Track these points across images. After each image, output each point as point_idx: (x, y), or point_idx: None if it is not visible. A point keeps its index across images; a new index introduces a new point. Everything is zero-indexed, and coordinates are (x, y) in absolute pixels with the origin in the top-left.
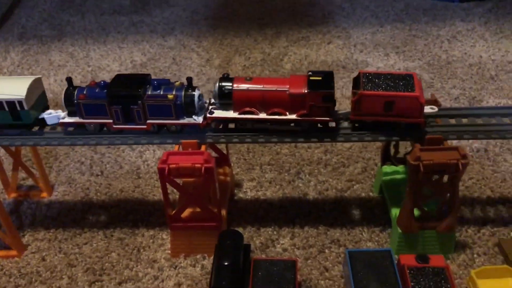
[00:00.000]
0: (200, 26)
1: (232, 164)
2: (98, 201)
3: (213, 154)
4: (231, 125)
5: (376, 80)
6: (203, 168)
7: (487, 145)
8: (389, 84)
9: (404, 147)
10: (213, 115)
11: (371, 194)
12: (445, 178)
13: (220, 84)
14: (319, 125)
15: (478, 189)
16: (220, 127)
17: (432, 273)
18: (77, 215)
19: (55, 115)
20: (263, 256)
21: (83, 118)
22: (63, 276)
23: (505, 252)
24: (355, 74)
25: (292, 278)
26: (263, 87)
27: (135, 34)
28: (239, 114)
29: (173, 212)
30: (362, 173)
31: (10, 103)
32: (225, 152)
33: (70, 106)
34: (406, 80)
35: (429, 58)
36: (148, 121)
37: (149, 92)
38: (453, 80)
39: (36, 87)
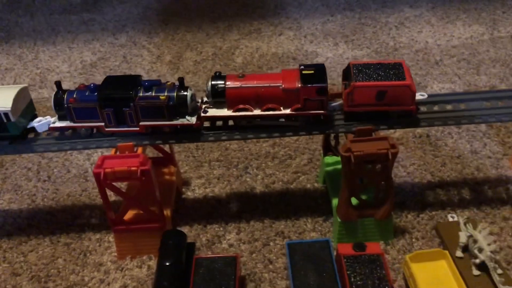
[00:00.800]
0: (152, 22)
1: (180, 163)
2: (45, 207)
3: (155, 154)
4: (227, 123)
5: (367, 71)
6: (139, 170)
7: (430, 131)
8: (379, 74)
9: (345, 137)
10: (207, 114)
11: (315, 184)
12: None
13: (213, 82)
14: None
15: (419, 174)
16: (216, 125)
17: (368, 261)
18: (22, 223)
19: (45, 121)
20: (209, 253)
21: (74, 122)
22: (7, 286)
23: (441, 235)
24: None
25: (233, 273)
26: (256, 84)
27: (85, 33)
28: (233, 112)
29: (115, 215)
30: (308, 164)
31: None
32: (169, 151)
33: (61, 110)
34: (396, 69)
35: (377, 46)
36: (141, 123)
37: (141, 94)
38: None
39: (22, 97)
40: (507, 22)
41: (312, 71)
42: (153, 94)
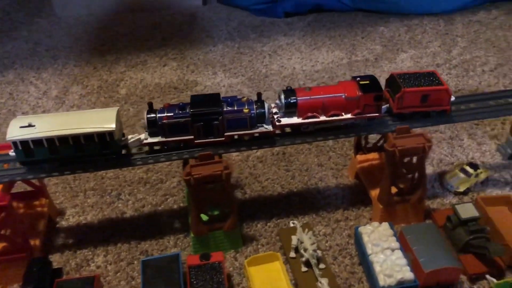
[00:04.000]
0: (41, 57)
1: (57, 194)
2: None
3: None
4: (299, 129)
5: (409, 79)
6: None
7: (286, 148)
8: (421, 81)
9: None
10: (282, 123)
11: (181, 204)
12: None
13: (285, 96)
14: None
15: (271, 188)
16: (289, 131)
17: (210, 268)
18: None
19: (136, 138)
20: (77, 275)
21: (166, 137)
22: None
23: (281, 239)
24: (185, 94)
25: None
26: (322, 95)
27: None
28: (304, 119)
29: None
30: (176, 187)
31: (100, 135)
32: (40, 184)
33: (153, 127)
34: (432, 76)
35: (251, 74)
36: (226, 134)
37: (225, 108)
38: (268, 92)
39: (118, 118)
40: (364, 47)
41: (368, 81)
42: (236, 108)
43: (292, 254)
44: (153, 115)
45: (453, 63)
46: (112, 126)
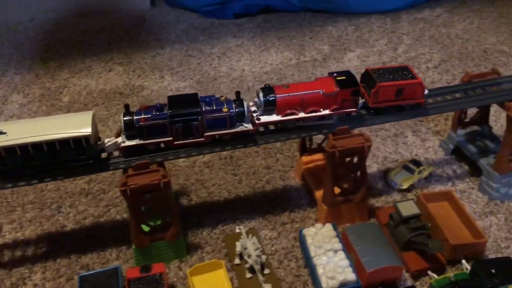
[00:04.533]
0: None
1: None
2: None
3: None
4: (278, 126)
5: (383, 74)
6: None
7: (234, 152)
8: (395, 75)
9: None
10: (261, 121)
11: (125, 215)
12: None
13: (264, 94)
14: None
15: (218, 193)
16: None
17: (150, 281)
18: None
19: (112, 142)
20: None
21: (144, 140)
22: None
23: (227, 246)
24: (131, 99)
25: None
26: (300, 92)
27: None
28: (283, 116)
29: None
30: (120, 197)
31: (76, 140)
32: None
33: (130, 130)
34: (406, 70)
35: (199, 76)
36: (206, 134)
37: (204, 108)
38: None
39: (94, 122)
40: (312, 47)
41: (344, 77)
42: (215, 107)
43: (237, 260)
44: (129, 117)
45: (399, 60)
46: (88, 130)
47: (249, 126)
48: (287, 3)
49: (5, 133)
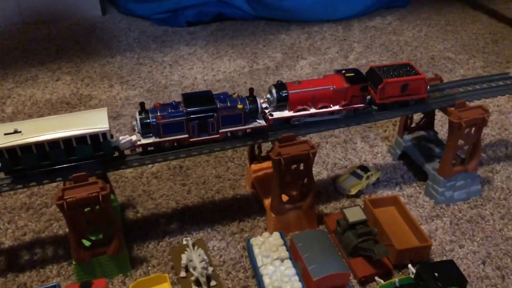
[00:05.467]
0: None
1: None
2: None
3: None
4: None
5: (388, 71)
6: None
7: (184, 161)
8: (399, 72)
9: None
10: (274, 117)
11: (67, 230)
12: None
13: (277, 90)
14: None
15: (166, 204)
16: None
17: None
18: None
19: (127, 140)
20: None
21: (160, 137)
22: None
23: (173, 258)
24: (78, 109)
25: None
26: (312, 88)
27: None
28: (295, 112)
29: None
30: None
31: (94, 136)
32: None
33: (147, 127)
34: (409, 67)
35: (150, 85)
36: (221, 130)
37: (219, 105)
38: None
39: (108, 118)
40: (265, 55)
41: (353, 74)
42: (229, 104)
43: (183, 273)
44: (145, 115)
45: (350, 67)
46: (106, 126)
47: (262, 122)
48: (241, 11)
49: (20, 131)
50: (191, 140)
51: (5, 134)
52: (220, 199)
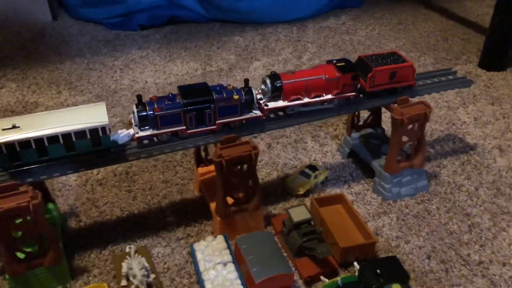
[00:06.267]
0: None
1: None
2: None
3: None
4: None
5: (376, 60)
6: None
7: (131, 167)
8: (387, 60)
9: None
10: (269, 107)
11: None
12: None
13: (271, 80)
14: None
15: (110, 212)
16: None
17: None
18: None
19: (125, 133)
20: None
21: (158, 129)
22: None
23: (114, 267)
24: None
25: None
26: (305, 78)
27: None
28: (289, 102)
29: None
30: None
31: (93, 131)
32: None
33: (144, 120)
34: (396, 55)
35: (99, 90)
36: (218, 121)
37: (216, 96)
38: (117, 108)
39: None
40: (219, 57)
41: (343, 63)
42: (225, 95)
43: (123, 282)
44: (142, 108)
45: (303, 68)
46: (105, 120)
47: (258, 113)
48: (195, 14)
49: (18, 127)
50: (188, 131)
51: (3, 129)
52: (167, 205)
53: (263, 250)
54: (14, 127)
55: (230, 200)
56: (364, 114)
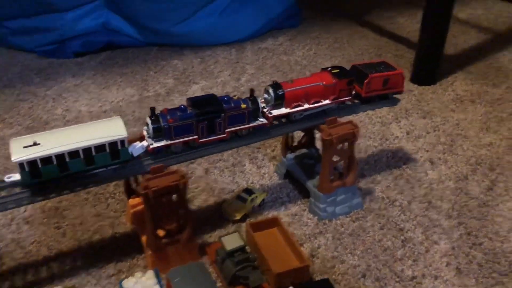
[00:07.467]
0: None
1: None
2: None
3: None
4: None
5: (369, 68)
6: None
7: (60, 202)
8: (379, 68)
9: None
10: (273, 114)
11: None
12: None
13: (274, 89)
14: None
15: (36, 252)
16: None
17: None
18: None
19: (139, 145)
20: None
21: (172, 140)
22: None
23: None
24: None
25: None
26: (304, 85)
27: None
28: (291, 108)
29: None
30: None
31: (112, 144)
32: None
33: (158, 131)
34: (385, 64)
35: (29, 122)
36: (227, 130)
37: (225, 106)
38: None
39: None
40: (157, 81)
41: (338, 70)
42: (233, 105)
43: None
44: (156, 120)
45: (241, 90)
46: (124, 133)
47: (264, 120)
48: (132, 39)
49: (39, 143)
50: (200, 140)
51: (24, 147)
52: (98, 240)
53: (196, 282)
54: (35, 144)
55: (162, 232)
56: (299, 135)
